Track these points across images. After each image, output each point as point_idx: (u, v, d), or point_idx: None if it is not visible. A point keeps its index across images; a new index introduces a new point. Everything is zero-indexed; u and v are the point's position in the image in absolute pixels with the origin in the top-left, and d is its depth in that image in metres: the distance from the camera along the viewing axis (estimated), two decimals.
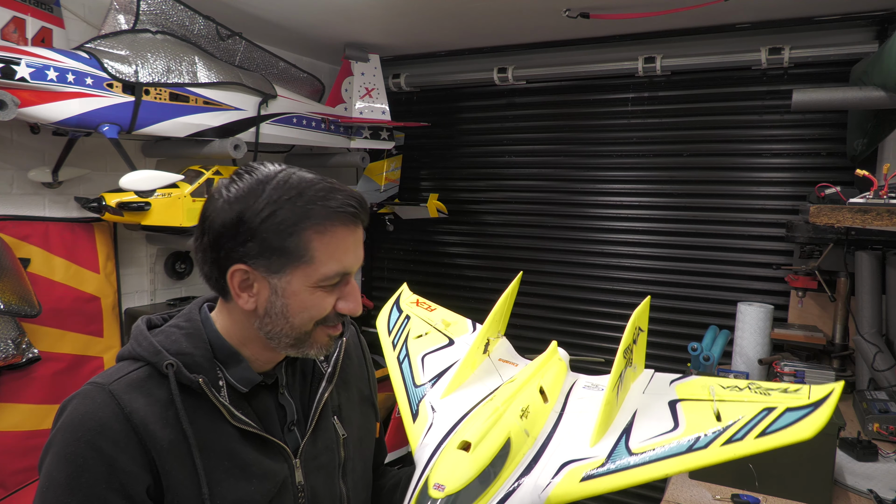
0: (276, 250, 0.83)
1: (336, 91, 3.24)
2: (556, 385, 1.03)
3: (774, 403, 0.82)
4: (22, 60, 1.83)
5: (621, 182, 3.17)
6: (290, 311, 0.86)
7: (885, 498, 1.50)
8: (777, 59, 2.62)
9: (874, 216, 1.31)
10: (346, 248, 0.86)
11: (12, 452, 2.11)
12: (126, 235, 2.59)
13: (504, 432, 0.84)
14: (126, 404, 0.81)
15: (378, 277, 3.96)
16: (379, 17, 2.72)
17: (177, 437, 0.82)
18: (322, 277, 0.85)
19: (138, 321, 0.93)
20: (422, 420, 0.96)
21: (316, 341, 0.89)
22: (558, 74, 3.15)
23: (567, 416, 0.95)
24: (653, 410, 0.91)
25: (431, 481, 0.77)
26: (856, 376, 2.32)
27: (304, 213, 0.83)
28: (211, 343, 0.90)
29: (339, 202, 0.85)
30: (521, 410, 0.89)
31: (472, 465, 0.78)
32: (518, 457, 0.84)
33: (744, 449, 0.77)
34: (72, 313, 2.30)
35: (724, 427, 0.81)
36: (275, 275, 0.85)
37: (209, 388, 0.85)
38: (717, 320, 2.89)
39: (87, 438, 0.79)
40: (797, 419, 0.77)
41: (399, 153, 3.57)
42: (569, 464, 0.83)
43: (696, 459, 0.79)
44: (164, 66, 2.23)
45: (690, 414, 0.87)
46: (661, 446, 0.82)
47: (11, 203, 2.20)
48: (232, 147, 2.47)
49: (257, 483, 0.87)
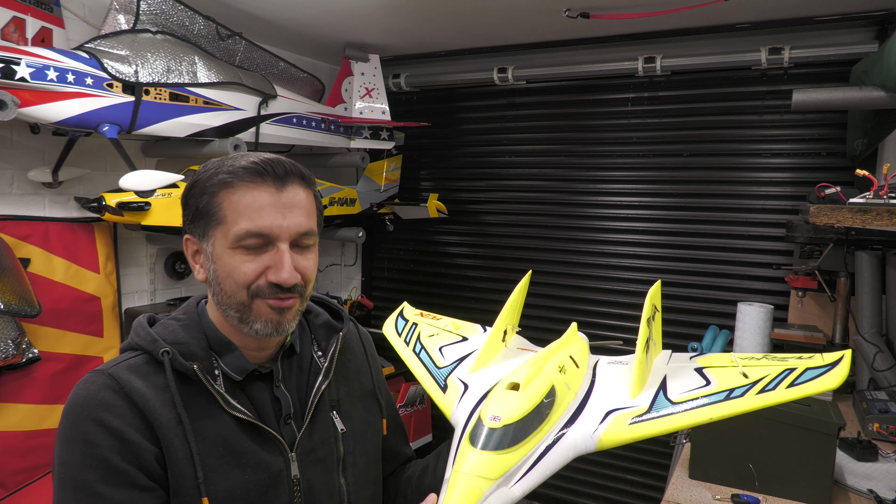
0: (197, 213, 0.89)
1: (336, 91, 3.24)
2: (584, 356, 1.03)
3: (794, 366, 0.85)
4: (22, 60, 1.83)
5: (621, 182, 3.17)
6: (220, 276, 0.88)
7: (885, 498, 1.50)
8: (777, 59, 2.62)
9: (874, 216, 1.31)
10: (259, 207, 0.86)
11: (12, 452, 2.11)
12: (126, 235, 2.59)
13: (548, 380, 0.85)
14: (125, 383, 0.84)
15: (378, 277, 3.96)
16: (379, 17, 2.72)
17: (174, 419, 0.84)
18: (235, 237, 0.86)
19: (140, 317, 0.96)
20: (453, 390, 0.96)
21: (259, 314, 0.88)
22: (558, 74, 3.15)
23: (599, 380, 0.96)
24: (682, 374, 0.92)
25: (486, 414, 0.78)
26: (856, 376, 2.32)
27: (216, 173, 0.88)
28: (206, 334, 0.93)
29: (249, 160, 0.87)
30: (559, 367, 0.91)
31: (525, 400, 0.80)
32: (563, 405, 0.85)
33: (778, 397, 0.80)
34: (72, 313, 2.30)
35: (754, 381, 0.83)
36: (203, 239, 0.90)
37: (204, 375, 0.87)
38: (717, 320, 2.89)
39: (93, 416, 0.82)
40: (820, 374, 0.81)
41: (399, 153, 3.57)
42: (613, 412, 0.84)
43: (735, 406, 0.80)
44: (164, 66, 2.23)
45: (719, 374, 0.89)
46: (699, 397, 0.83)
47: (11, 203, 2.20)
48: (232, 147, 2.47)
49: (251, 473, 0.87)
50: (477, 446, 0.75)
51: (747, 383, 0.83)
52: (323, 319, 1.07)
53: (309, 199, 0.92)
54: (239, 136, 2.55)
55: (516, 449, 0.76)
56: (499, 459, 0.74)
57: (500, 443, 0.75)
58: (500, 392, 0.82)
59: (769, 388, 0.81)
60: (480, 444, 0.75)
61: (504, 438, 0.76)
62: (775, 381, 0.82)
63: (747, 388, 0.82)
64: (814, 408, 1.55)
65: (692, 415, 0.81)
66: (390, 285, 3.93)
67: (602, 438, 0.81)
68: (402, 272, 3.88)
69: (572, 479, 3.34)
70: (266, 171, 0.87)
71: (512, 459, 0.75)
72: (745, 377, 0.85)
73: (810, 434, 1.48)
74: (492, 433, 0.76)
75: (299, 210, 0.89)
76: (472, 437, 0.77)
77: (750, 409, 0.80)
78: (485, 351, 1.04)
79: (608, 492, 3.28)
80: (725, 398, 0.82)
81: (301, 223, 0.89)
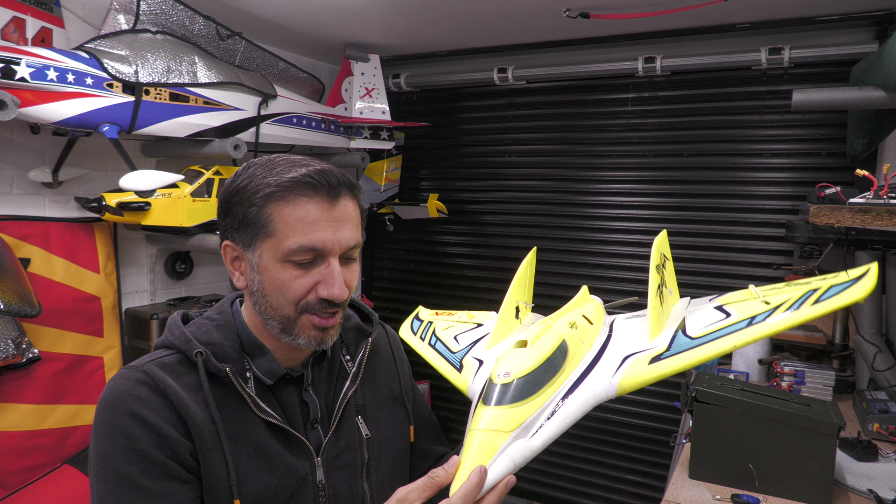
0: (244, 222, 0.86)
1: (336, 91, 3.24)
2: (599, 315, 1.01)
3: (817, 286, 0.81)
4: (22, 60, 1.83)
5: (621, 182, 3.17)
6: (267, 289, 0.86)
7: (885, 498, 1.50)
8: (777, 59, 2.62)
9: (874, 216, 1.31)
10: (312, 221, 0.84)
11: (12, 452, 2.11)
12: (126, 235, 2.59)
13: (558, 335, 0.84)
14: (160, 381, 0.84)
15: (378, 277, 3.96)
16: (379, 17, 2.72)
17: (207, 418, 0.84)
18: (287, 251, 0.83)
19: (174, 314, 0.95)
20: (468, 368, 0.95)
21: (303, 329, 0.88)
22: (558, 74, 3.15)
23: (617, 334, 0.94)
24: (701, 313, 0.89)
25: (497, 373, 0.78)
26: (856, 376, 2.32)
27: (265, 183, 0.84)
28: (239, 335, 0.92)
29: (301, 173, 0.84)
30: (570, 324, 0.89)
31: (534, 354, 0.79)
32: (577, 357, 0.84)
33: (804, 315, 0.76)
34: (72, 313, 2.30)
35: (776, 306, 0.80)
36: (248, 249, 0.87)
37: (236, 378, 0.87)
38: None
39: (130, 410, 0.81)
40: (845, 288, 0.77)
41: (399, 153, 3.57)
42: (631, 356, 0.82)
43: (758, 331, 0.78)
44: (164, 66, 2.23)
45: (739, 307, 0.86)
46: (720, 329, 0.81)
47: (11, 203, 2.20)
48: (232, 147, 2.47)
49: (280, 476, 0.87)
50: (490, 404, 0.74)
51: (769, 308, 0.80)
52: (353, 323, 1.06)
53: (356, 211, 0.90)
54: (239, 136, 2.55)
55: (530, 401, 0.75)
56: (512, 412, 0.73)
57: (512, 396, 0.74)
58: (509, 351, 0.82)
59: (795, 308, 0.78)
60: (493, 400, 0.74)
61: (516, 392, 0.75)
62: (799, 301, 0.78)
63: (771, 311, 0.79)
64: (814, 408, 1.55)
65: (714, 346, 0.79)
66: (390, 285, 3.93)
67: (622, 382, 0.79)
68: (402, 272, 3.88)
69: (572, 479, 3.34)
70: (320, 185, 0.84)
71: (526, 411, 0.74)
72: (767, 304, 0.82)
73: (810, 434, 1.48)
74: (503, 388, 0.75)
75: (349, 223, 0.87)
76: (484, 397, 0.76)
77: (775, 332, 0.77)
78: (498, 328, 1.02)
79: (608, 492, 3.28)
80: (748, 325, 0.79)
81: (351, 236, 0.87)
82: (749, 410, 1.52)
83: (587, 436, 3.27)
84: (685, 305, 1.00)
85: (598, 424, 3.24)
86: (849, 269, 0.81)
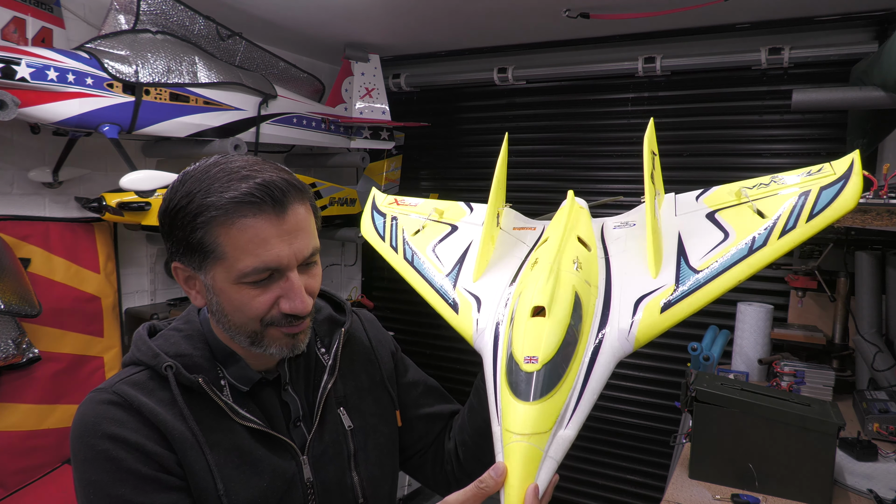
0: (190, 246, 0.80)
1: (336, 91, 3.24)
2: (591, 232, 0.97)
3: (807, 187, 0.81)
4: (22, 60, 1.83)
5: (621, 182, 3.17)
6: (227, 309, 0.83)
7: (885, 498, 1.50)
8: (777, 59, 2.62)
9: (874, 216, 1.31)
10: (263, 240, 0.78)
11: (12, 452, 2.11)
12: (126, 235, 2.59)
13: (569, 287, 0.78)
14: (132, 399, 0.81)
15: (378, 277, 3.96)
16: (379, 17, 2.72)
17: (187, 431, 0.82)
18: (240, 273, 0.79)
19: (139, 328, 0.93)
20: (465, 308, 0.89)
21: (272, 340, 0.85)
22: (558, 74, 3.15)
23: (614, 259, 0.90)
24: (695, 228, 0.88)
25: (520, 356, 0.72)
26: (856, 376, 2.32)
27: (205, 205, 0.78)
28: (209, 343, 0.90)
29: (242, 191, 0.77)
30: (573, 262, 0.84)
31: (556, 327, 0.73)
32: (590, 309, 0.79)
33: (801, 235, 0.77)
34: (72, 313, 2.30)
35: (772, 222, 0.80)
36: (200, 271, 0.82)
37: (210, 388, 0.85)
38: (716, 320, 2.88)
39: (108, 433, 0.78)
40: (835, 195, 0.78)
41: (399, 153, 3.57)
42: (642, 300, 0.79)
43: (762, 258, 0.78)
44: (164, 66, 2.23)
45: (734, 220, 0.85)
46: (722, 257, 0.80)
47: (11, 203, 2.20)
48: (232, 147, 2.47)
49: (269, 480, 0.87)
50: (520, 397, 0.69)
51: (766, 225, 0.80)
52: (325, 314, 1.05)
53: (309, 215, 0.85)
54: (239, 136, 2.55)
55: (560, 386, 0.70)
56: (548, 407, 0.69)
57: (544, 386, 0.69)
58: (526, 322, 0.74)
59: (790, 228, 0.78)
60: (525, 394, 0.69)
61: (546, 379, 0.70)
62: (793, 217, 0.79)
63: (768, 233, 0.79)
64: (814, 408, 1.55)
65: (722, 281, 0.78)
66: (390, 285, 3.93)
67: (638, 338, 0.77)
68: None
69: (572, 479, 3.34)
70: (263, 201, 0.78)
71: (559, 400, 0.70)
72: (762, 216, 0.81)
73: (810, 434, 1.48)
74: (534, 378, 0.70)
75: (303, 232, 0.83)
76: (512, 385, 0.71)
77: (777, 257, 0.78)
78: (483, 246, 0.97)
79: (608, 492, 3.28)
80: (749, 252, 0.78)
81: (306, 245, 0.83)
82: (749, 410, 1.53)
83: (587, 436, 3.27)
84: (673, 206, 0.97)
85: (598, 424, 3.24)
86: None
